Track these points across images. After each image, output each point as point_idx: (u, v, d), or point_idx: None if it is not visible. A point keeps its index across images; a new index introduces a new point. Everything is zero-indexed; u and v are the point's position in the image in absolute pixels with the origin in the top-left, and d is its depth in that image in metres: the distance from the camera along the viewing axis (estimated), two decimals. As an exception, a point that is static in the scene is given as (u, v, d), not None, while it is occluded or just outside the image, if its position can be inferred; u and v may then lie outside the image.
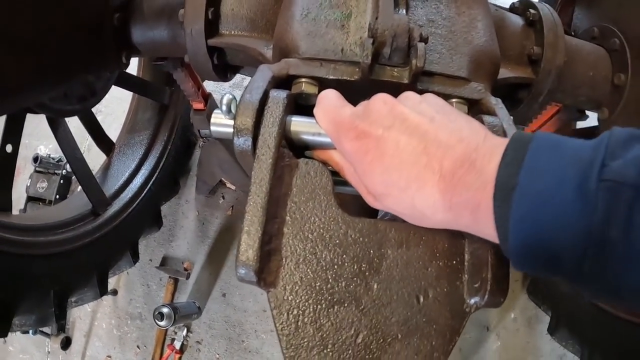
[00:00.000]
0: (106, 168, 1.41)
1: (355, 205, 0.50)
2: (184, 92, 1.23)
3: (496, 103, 0.53)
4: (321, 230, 0.44)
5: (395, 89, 0.49)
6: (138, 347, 1.69)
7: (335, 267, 0.43)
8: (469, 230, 0.39)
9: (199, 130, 1.36)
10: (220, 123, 0.48)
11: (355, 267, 0.44)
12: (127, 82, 1.32)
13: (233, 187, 1.75)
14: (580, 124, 1.25)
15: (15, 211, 1.18)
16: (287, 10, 0.62)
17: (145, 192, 1.40)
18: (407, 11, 0.59)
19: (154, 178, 1.44)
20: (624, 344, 0.99)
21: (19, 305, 0.95)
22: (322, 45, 0.57)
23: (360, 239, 0.44)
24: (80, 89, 1.10)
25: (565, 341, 1.23)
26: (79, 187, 1.55)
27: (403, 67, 0.54)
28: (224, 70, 0.87)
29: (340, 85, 0.52)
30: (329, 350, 0.42)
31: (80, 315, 1.78)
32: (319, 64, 0.55)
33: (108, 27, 0.85)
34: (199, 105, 1.28)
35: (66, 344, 1.78)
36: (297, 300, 0.42)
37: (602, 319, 1.04)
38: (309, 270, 0.43)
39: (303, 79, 0.53)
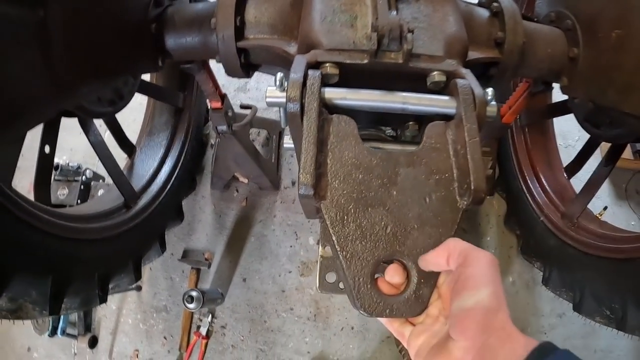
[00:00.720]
0: (130, 168, 1.53)
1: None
2: (204, 92, 1.35)
3: (466, 72, 0.73)
4: (353, 159, 0.62)
5: (393, 68, 0.73)
6: (165, 338, 1.79)
7: (365, 182, 0.61)
8: None
9: (216, 127, 1.49)
10: (275, 95, 0.66)
11: (379, 181, 0.62)
12: (146, 88, 1.45)
13: (246, 181, 1.88)
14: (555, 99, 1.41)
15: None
16: (309, 15, 0.82)
17: (168, 187, 1.52)
18: (397, 12, 0.79)
19: (175, 174, 1.57)
20: (608, 280, 1.13)
21: (70, 286, 1.06)
22: (338, 40, 0.76)
23: (381, 162, 0.62)
24: (110, 94, 1.22)
25: (559, 289, 1.35)
26: (99, 192, 1.69)
27: (397, 52, 0.73)
28: (247, 68, 1.03)
29: (353, 67, 0.73)
30: (367, 239, 0.59)
31: (105, 314, 1.88)
32: (338, 52, 0.75)
33: (147, 35, 0.99)
34: (217, 104, 1.40)
35: (93, 342, 1.87)
36: (342, 206, 0.60)
37: (587, 261, 1.18)
38: (347, 185, 0.60)
39: (327, 64, 0.72)
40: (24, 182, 1.79)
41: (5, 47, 0.65)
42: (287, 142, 0.88)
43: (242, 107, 1.69)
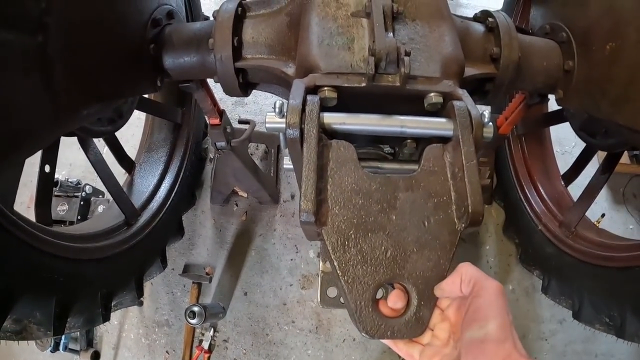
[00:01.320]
0: (129, 185, 1.54)
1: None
2: (203, 110, 1.37)
3: (462, 93, 0.73)
4: (353, 184, 0.63)
5: (390, 91, 0.74)
6: (167, 352, 1.79)
7: (365, 207, 0.63)
8: None
9: (215, 143, 1.50)
10: (274, 121, 0.68)
11: (379, 206, 0.63)
12: (145, 105, 1.47)
13: (245, 195, 1.89)
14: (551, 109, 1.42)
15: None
16: (306, 39, 0.82)
17: (168, 203, 1.53)
18: (394, 34, 0.80)
19: (175, 190, 1.57)
20: (606, 289, 1.14)
21: (73, 306, 1.06)
22: (336, 63, 0.77)
23: (380, 187, 0.64)
24: (110, 113, 1.24)
25: (558, 297, 1.36)
26: (99, 207, 1.69)
27: (394, 75, 0.74)
28: (246, 87, 1.04)
29: (351, 91, 0.74)
30: (368, 264, 0.60)
31: (107, 328, 1.87)
32: (336, 76, 0.76)
33: (145, 56, 0.99)
34: (215, 120, 1.41)
35: (95, 358, 1.86)
36: (343, 232, 0.61)
37: (585, 270, 1.19)
38: (348, 211, 0.62)
39: (326, 88, 0.73)
40: (23, 197, 1.79)
41: (4, 74, 0.65)
42: (287, 163, 0.87)
43: (241, 122, 1.70)
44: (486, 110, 0.72)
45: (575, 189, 1.46)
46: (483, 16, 1.04)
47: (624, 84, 0.97)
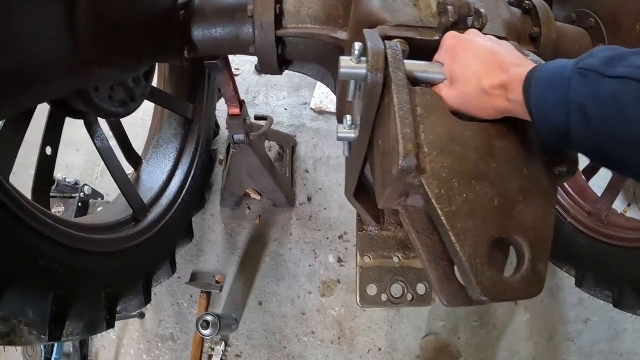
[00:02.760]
0: (136, 181, 1.42)
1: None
2: (224, 96, 1.28)
3: (527, 52, 0.70)
4: (446, 131, 0.57)
5: None
6: (171, 370, 1.62)
7: (464, 154, 0.57)
8: (508, 103, 0.54)
9: (232, 136, 1.39)
10: (351, 66, 0.60)
11: (476, 153, 0.57)
12: (156, 95, 1.36)
13: (258, 197, 1.76)
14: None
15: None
16: None
17: (179, 200, 1.41)
18: None
19: (186, 187, 1.45)
20: None
21: (74, 305, 0.92)
22: (404, 17, 0.73)
23: (474, 134, 0.59)
24: (122, 93, 1.12)
25: (594, 289, 1.31)
26: (98, 209, 1.56)
27: (464, 29, 0.69)
28: (281, 63, 0.98)
29: (422, 44, 0.70)
30: (477, 215, 0.54)
31: (103, 344, 1.70)
32: (407, 28, 0.71)
33: (174, 22, 0.92)
34: (235, 110, 1.33)
35: (90, 376, 1.69)
36: (444, 180, 0.55)
37: (623, 254, 1.18)
38: (447, 158, 0.56)
39: (397, 39, 0.68)
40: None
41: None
42: (342, 131, 0.76)
43: (257, 118, 1.61)
44: None
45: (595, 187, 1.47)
46: (518, 1, 1.03)
47: None
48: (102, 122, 1.16)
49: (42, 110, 0.93)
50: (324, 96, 1.95)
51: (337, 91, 1.00)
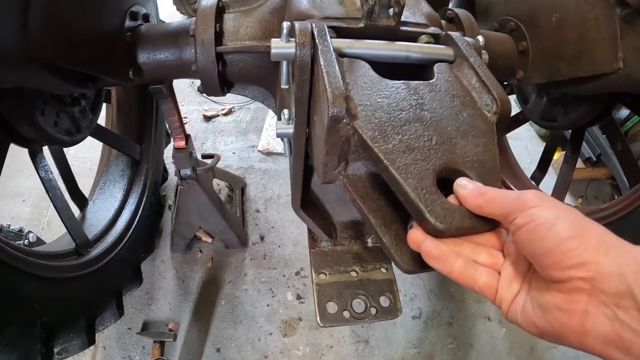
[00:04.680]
0: (82, 219, 1.36)
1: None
2: (169, 127, 1.30)
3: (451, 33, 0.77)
4: (373, 87, 0.61)
5: (386, 31, 0.76)
6: None
7: (394, 104, 0.59)
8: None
9: (179, 171, 1.39)
10: (281, 46, 0.63)
11: (407, 103, 0.61)
12: (103, 134, 1.37)
13: (210, 240, 1.72)
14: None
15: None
16: (295, 2, 0.84)
17: (125, 239, 1.35)
18: None
19: (133, 227, 1.40)
20: None
21: (4, 327, 0.83)
22: (331, 12, 0.80)
23: (402, 89, 0.62)
24: (68, 122, 1.12)
25: None
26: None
27: (388, 18, 0.77)
28: (222, 83, 1.01)
29: (349, 32, 0.75)
30: (417, 151, 0.54)
31: None
32: (334, 19, 0.77)
33: (121, 43, 0.96)
34: (180, 142, 1.34)
35: None
36: (377, 124, 0.56)
37: None
38: (376, 108, 0.58)
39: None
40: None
41: None
42: (281, 127, 0.77)
43: (204, 156, 1.63)
44: (479, 36, 0.77)
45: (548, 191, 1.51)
46: (442, 12, 1.13)
47: (576, 42, 1.08)
48: (48, 157, 1.14)
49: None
50: (271, 138, 2.03)
51: (277, 93, 1.04)
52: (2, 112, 0.93)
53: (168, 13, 2.69)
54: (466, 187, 0.50)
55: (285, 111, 0.73)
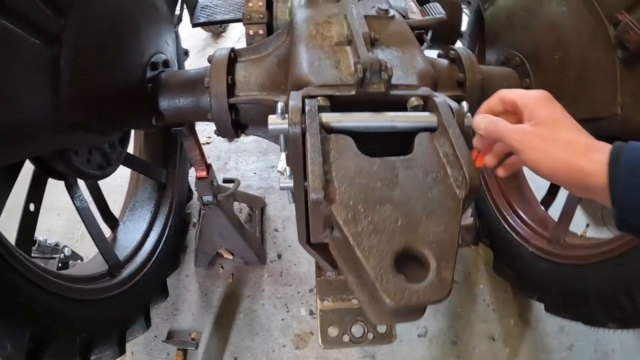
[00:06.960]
0: (113, 241, 1.51)
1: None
2: (191, 160, 1.42)
3: (439, 94, 0.83)
4: (355, 167, 0.67)
5: (377, 97, 0.83)
6: None
7: (370, 184, 0.65)
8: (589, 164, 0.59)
9: (201, 197, 1.51)
10: (276, 122, 0.72)
11: (382, 183, 0.66)
12: (132, 161, 1.51)
13: (231, 257, 1.85)
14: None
15: None
16: (298, 63, 0.94)
17: (153, 259, 1.49)
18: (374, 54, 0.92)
19: (160, 247, 1.54)
20: (610, 280, 1.13)
21: (50, 345, 0.97)
22: (327, 78, 0.87)
23: (380, 168, 0.68)
24: (100, 157, 1.27)
25: (563, 312, 1.33)
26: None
27: (379, 83, 0.84)
28: (236, 127, 1.12)
29: (342, 99, 0.83)
30: (381, 233, 0.60)
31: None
32: (328, 87, 0.84)
33: (144, 94, 1.07)
34: (202, 173, 1.45)
35: None
36: (351, 207, 0.62)
37: (585, 272, 1.22)
38: (353, 188, 0.64)
39: (320, 97, 0.80)
40: None
41: (19, 69, 0.72)
42: (284, 182, 0.84)
43: (225, 181, 1.75)
44: (464, 102, 0.79)
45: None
46: (445, 51, 1.19)
47: (576, 81, 1.11)
48: (82, 185, 1.29)
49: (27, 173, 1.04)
50: (289, 160, 2.12)
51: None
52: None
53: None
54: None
55: (288, 168, 0.79)
